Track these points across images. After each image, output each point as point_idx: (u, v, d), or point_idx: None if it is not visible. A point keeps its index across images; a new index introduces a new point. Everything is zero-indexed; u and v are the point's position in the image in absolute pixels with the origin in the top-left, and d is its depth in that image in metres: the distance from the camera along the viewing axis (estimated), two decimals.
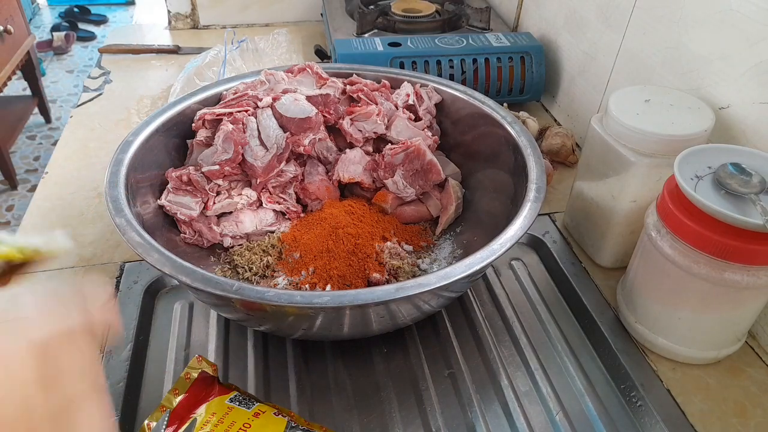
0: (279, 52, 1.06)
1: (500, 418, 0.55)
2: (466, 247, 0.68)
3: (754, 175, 0.49)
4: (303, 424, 0.45)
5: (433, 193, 0.72)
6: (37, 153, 2.49)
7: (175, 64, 1.13)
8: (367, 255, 0.62)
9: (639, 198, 0.60)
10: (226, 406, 0.45)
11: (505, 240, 0.51)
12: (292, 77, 0.74)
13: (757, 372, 0.57)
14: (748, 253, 0.47)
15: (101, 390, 0.30)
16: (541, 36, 0.99)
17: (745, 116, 0.59)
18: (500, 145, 0.67)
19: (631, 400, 0.56)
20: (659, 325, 0.57)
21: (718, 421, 0.53)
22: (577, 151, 0.86)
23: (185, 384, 0.46)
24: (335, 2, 1.14)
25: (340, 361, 0.59)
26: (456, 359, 0.60)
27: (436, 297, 0.55)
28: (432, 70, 0.90)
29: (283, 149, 0.67)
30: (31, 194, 2.17)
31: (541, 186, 0.58)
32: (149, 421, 0.44)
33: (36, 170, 2.39)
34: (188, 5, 1.26)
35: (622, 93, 0.62)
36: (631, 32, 0.76)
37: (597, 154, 0.63)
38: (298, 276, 0.61)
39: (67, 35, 3.29)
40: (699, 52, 0.64)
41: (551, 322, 0.64)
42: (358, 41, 0.93)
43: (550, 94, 0.99)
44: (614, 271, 0.67)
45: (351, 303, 0.45)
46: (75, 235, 0.71)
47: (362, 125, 0.71)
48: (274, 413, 0.45)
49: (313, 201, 0.70)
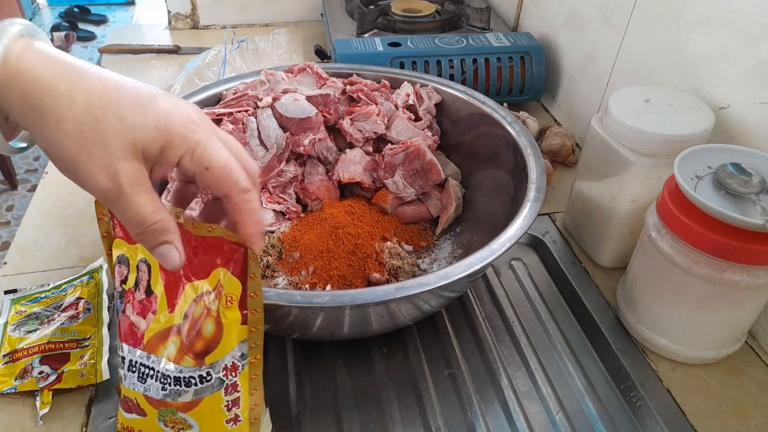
0: (279, 52, 1.06)
1: (500, 418, 0.55)
2: (466, 247, 0.68)
3: (754, 175, 0.49)
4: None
5: (433, 193, 0.72)
6: (37, 153, 2.48)
7: (175, 64, 1.13)
8: (367, 255, 0.62)
9: (639, 198, 0.60)
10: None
11: (505, 240, 0.51)
12: (292, 77, 0.74)
13: (757, 372, 0.57)
14: (748, 253, 0.47)
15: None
16: (541, 36, 0.99)
17: (745, 116, 0.59)
18: (500, 145, 0.67)
19: (631, 400, 0.56)
20: (659, 325, 0.57)
21: (718, 421, 0.53)
22: (577, 151, 0.86)
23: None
24: (335, 2, 1.14)
25: (340, 361, 0.59)
26: (456, 359, 0.60)
27: (436, 297, 0.55)
28: (432, 70, 0.90)
29: (283, 149, 0.67)
30: (31, 194, 2.17)
31: (541, 186, 0.58)
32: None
33: (36, 170, 2.39)
34: (188, 5, 1.26)
35: (622, 93, 0.62)
36: (631, 32, 0.76)
37: (597, 154, 0.63)
38: (298, 276, 0.61)
39: (67, 35, 3.28)
40: (699, 52, 0.64)
41: (551, 322, 0.64)
42: (358, 41, 0.93)
43: (550, 94, 0.99)
44: (614, 271, 0.67)
45: (351, 303, 0.45)
46: (75, 235, 0.71)
47: (362, 125, 0.71)
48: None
49: (313, 201, 0.70)
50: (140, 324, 0.42)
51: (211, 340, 0.40)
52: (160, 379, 0.41)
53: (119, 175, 0.31)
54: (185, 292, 0.40)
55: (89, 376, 0.53)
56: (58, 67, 0.31)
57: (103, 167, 0.31)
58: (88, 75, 0.31)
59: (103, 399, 0.53)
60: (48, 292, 0.61)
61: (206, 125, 0.34)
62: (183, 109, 0.33)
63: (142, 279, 0.42)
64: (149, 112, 0.32)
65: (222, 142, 0.35)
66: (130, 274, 0.42)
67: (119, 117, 0.31)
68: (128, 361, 0.43)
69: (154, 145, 0.32)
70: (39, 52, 0.31)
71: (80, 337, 0.56)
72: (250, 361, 0.41)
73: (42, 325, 0.57)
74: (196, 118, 0.34)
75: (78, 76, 0.31)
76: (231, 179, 0.34)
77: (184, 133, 0.33)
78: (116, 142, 0.31)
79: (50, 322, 0.57)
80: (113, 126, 0.31)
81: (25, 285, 0.63)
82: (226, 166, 0.34)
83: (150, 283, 0.41)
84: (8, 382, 0.52)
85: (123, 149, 0.31)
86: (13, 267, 0.67)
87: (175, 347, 0.40)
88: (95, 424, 0.51)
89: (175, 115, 0.32)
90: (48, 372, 0.52)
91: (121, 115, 0.31)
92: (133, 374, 0.43)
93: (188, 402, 0.41)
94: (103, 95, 0.31)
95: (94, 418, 0.51)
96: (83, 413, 0.52)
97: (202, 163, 0.33)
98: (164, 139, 0.32)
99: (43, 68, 0.31)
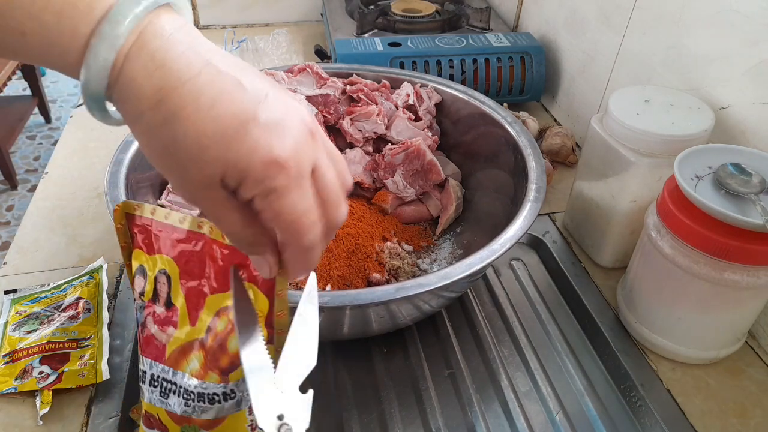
0: (279, 52, 1.06)
1: (500, 418, 0.55)
2: (466, 247, 0.68)
3: (754, 175, 0.49)
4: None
5: (433, 193, 0.72)
6: (37, 153, 2.49)
7: None
8: (367, 255, 0.62)
9: (639, 198, 0.60)
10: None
11: (505, 240, 0.51)
12: (292, 77, 0.74)
13: (757, 372, 0.57)
14: (748, 253, 0.47)
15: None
16: (541, 36, 0.99)
17: (745, 116, 0.59)
18: (500, 145, 0.67)
19: (631, 400, 0.56)
20: (659, 325, 0.57)
21: (718, 421, 0.53)
22: (577, 151, 0.86)
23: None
24: (335, 2, 1.14)
25: (340, 361, 0.59)
26: (456, 359, 0.60)
27: (436, 297, 0.55)
28: (432, 70, 0.90)
29: None
30: (31, 194, 2.17)
31: (541, 186, 0.58)
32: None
33: (36, 170, 2.39)
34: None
35: (622, 93, 0.62)
36: (631, 32, 0.76)
37: (597, 154, 0.63)
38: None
39: None
40: (699, 52, 0.64)
41: (551, 322, 0.64)
42: (358, 41, 0.93)
43: (550, 94, 0.99)
44: (614, 271, 0.67)
45: (351, 303, 0.45)
46: (75, 235, 0.71)
47: (362, 125, 0.71)
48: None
49: None
50: (161, 337, 0.40)
51: (236, 356, 0.38)
52: (182, 395, 0.40)
53: (200, 202, 0.30)
54: (206, 305, 0.39)
55: (89, 376, 0.53)
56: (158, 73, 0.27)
57: (186, 190, 0.30)
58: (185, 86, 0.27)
59: (103, 399, 0.53)
60: (48, 292, 0.61)
61: (298, 168, 0.29)
62: (276, 142, 0.28)
63: (161, 291, 0.41)
64: (231, 146, 0.28)
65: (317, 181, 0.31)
66: (147, 286, 0.41)
67: (199, 147, 0.28)
68: (149, 376, 0.41)
69: (232, 180, 0.29)
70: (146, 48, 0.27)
71: (80, 337, 0.56)
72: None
73: (42, 325, 0.57)
74: (287, 159, 0.29)
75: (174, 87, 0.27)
76: (294, 237, 0.31)
77: (262, 176, 0.29)
78: (195, 172, 0.28)
79: (50, 322, 0.57)
80: (192, 154, 0.28)
81: (25, 285, 0.63)
82: (295, 222, 0.30)
83: (170, 295, 0.40)
84: (8, 382, 0.52)
85: (201, 180, 0.29)
86: (13, 267, 0.67)
87: (199, 362, 0.39)
88: (95, 424, 0.51)
89: (260, 152, 0.28)
90: (48, 372, 0.52)
91: (201, 145, 0.28)
92: (155, 389, 0.41)
93: (211, 420, 0.40)
94: (189, 116, 0.27)
95: (94, 418, 0.51)
96: (83, 413, 0.52)
97: (273, 208, 0.30)
98: (241, 176, 0.29)
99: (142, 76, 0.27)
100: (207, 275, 0.39)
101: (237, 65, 0.29)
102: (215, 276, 0.38)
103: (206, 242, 0.37)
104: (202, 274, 0.39)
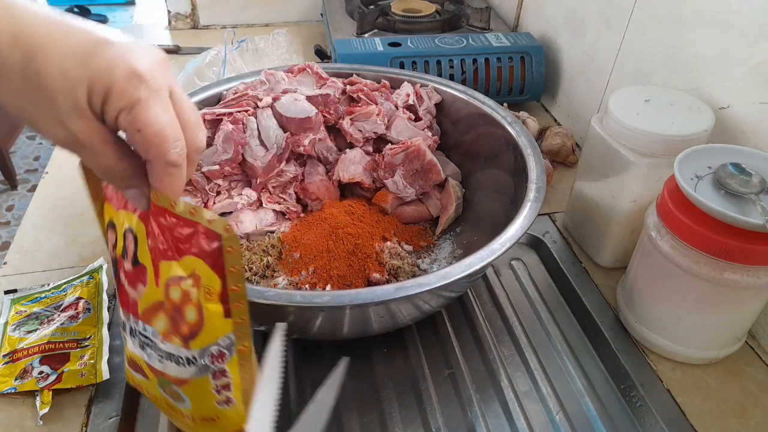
0: (279, 52, 1.06)
1: (500, 418, 0.55)
2: (466, 247, 0.68)
3: (754, 175, 0.49)
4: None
5: (433, 193, 0.72)
6: (37, 153, 2.48)
7: (175, 64, 1.13)
8: (367, 255, 0.62)
9: (639, 198, 0.60)
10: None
11: (505, 240, 0.51)
12: (292, 77, 0.74)
13: (757, 372, 0.57)
14: (748, 253, 0.47)
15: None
16: (541, 36, 0.99)
17: (745, 116, 0.59)
18: (500, 145, 0.67)
19: (631, 400, 0.56)
20: (659, 325, 0.57)
21: (718, 421, 0.53)
22: (577, 151, 0.86)
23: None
24: (335, 2, 1.14)
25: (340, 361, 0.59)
26: (456, 359, 0.60)
27: (436, 297, 0.55)
28: (432, 70, 0.90)
29: (283, 149, 0.67)
30: (31, 194, 2.17)
31: (541, 186, 0.58)
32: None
33: (36, 170, 2.39)
34: (188, 5, 1.26)
35: (622, 93, 0.62)
36: (631, 32, 0.76)
37: (597, 154, 0.63)
38: (298, 276, 0.61)
39: None
40: (699, 52, 0.64)
41: (551, 322, 0.64)
42: (358, 41, 0.93)
43: (550, 94, 0.99)
44: (614, 271, 0.67)
45: (351, 303, 0.45)
46: (75, 235, 0.71)
47: (362, 125, 0.71)
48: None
49: (313, 201, 0.70)
50: (132, 294, 0.41)
51: (194, 326, 0.38)
52: (156, 351, 0.41)
53: (75, 133, 0.31)
54: (161, 270, 0.39)
55: (89, 376, 0.53)
56: (7, 19, 0.29)
57: (59, 123, 0.30)
58: (35, 24, 0.29)
59: (103, 399, 0.53)
60: (48, 292, 0.61)
61: (156, 81, 0.31)
62: (133, 58, 0.30)
63: (129, 249, 0.40)
64: (92, 63, 0.30)
65: (175, 104, 0.33)
66: (118, 241, 0.41)
67: (62, 72, 0.29)
68: (129, 328, 0.42)
69: (97, 99, 0.30)
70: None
71: (80, 337, 0.56)
72: (239, 349, 0.40)
73: (42, 325, 0.57)
74: (146, 72, 0.31)
75: (29, 25, 0.29)
76: (159, 149, 0.32)
77: (125, 87, 0.30)
78: (63, 99, 0.30)
79: (50, 322, 0.57)
80: (57, 81, 0.29)
81: (25, 285, 0.63)
82: (159, 133, 0.31)
83: (137, 254, 0.40)
84: (8, 382, 0.52)
85: (72, 107, 0.30)
86: (13, 267, 0.67)
87: (164, 324, 0.40)
88: (95, 424, 0.51)
89: (119, 65, 0.30)
90: (48, 372, 0.52)
91: (64, 69, 0.29)
92: (135, 339, 0.42)
93: (179, 378, 0.41)
94: (47, 44, 0.29)
95: (94, 418, 0.51)
96: (83, 413, 0.52)
97: (136, 123, 0.31)
98: (105, 91, 0.30)
99: None
100: (161, 239, 0.38)
101: (73, 15, 0.32)
102: (164, 241, 0.38)
103: (157, 208, 0.37)
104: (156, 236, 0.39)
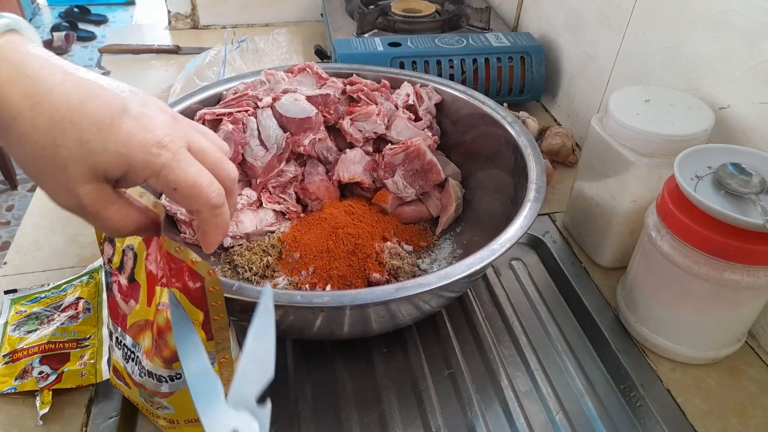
0: (279, 52, 1.06)
1: (500, 418, 0.55)
2: (466, 247, 0.68)
3: (754, 175, 0.49)
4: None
5: (433, 193, 0.72)
6: None
7: (175, 64, 1.13)
8: (367, 255, 0.62)
9: (639, 198, 0.60)
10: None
11: (505, 240, 0.51)
12: (292, 77, 0.74)
13: (757, 372, 0.57)
14: (748, 253, 0.47)
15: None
16: (541, 36, 0.99)
17: (745, 116, 0.59)
18: (500, 145, 0.67)
19: (631, 400, 0.56)
20: (659, 325, 0.57)
21: (718, 421, 0.53)
22: (577, 151, 0.86)
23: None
24: (335, 2, 1.14)
25: (340, 361, 0.59)
26: (456, 359, 0.60)
27: (436, 297, 0.55)
28: (432, 70, 0.90)
29: (283, 149, 0.67)
30: (31, 194, 2.17)
31: (541, 186, 0.58)
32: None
33: None
34: (188, 5, 1.26)
35: (622, 93, 0.62)
36: (631, 32, 0.76)
37: (597, 154, 0.63)
38: (298, 276, 0.61)
39: (67, 35, 3.28)
40: (699, 52, 0.64)
41: (551, 322, 0.64)
42: (358, 41, 0.93)
43: (550, 94, 0.99)
44: (614, 271, 0.67)
45: (351, 303, 0.45)
46: (75, 235, 0.71)
47: (362, 125, 0.71)
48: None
49: (313, 201, 0.70)
50: (123, 307, 0.42)
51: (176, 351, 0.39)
52: (138, 365, 0.42)
53: (81, 198, 0.32)
54: (156, 294, 0.40)
55: (89, 376, 0.53)
56: (25, 82, 0.30)
57: (66, 190, 0.32)
58: (53, 92, 0.30)
59: (103, 399, 0.53)
60: (48, 292, 0.61)
61: (175, 143, 0.33)
62: (149, 128, 0.32)
63: (127, 265, 0.42)
64: (110, 136, 0.31)
65: (195, 152, 0.34)
66: (116, 256, 0.42)
67: (79, 142, 0.31)
68: (115, 337, 0.43)
69: (116, 170, 0.32)
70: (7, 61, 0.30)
71: (80, 337, 0.56)
72: (220, 361, 0.42)
73: (42, 325, 0.57)
74: (163, 138, 0.32)
75: (44, 93, 0.30)
76: (200, 199, 0.34)
77: (147, 158, 0.32)
78: (76, 167, 0.31)
79: (50, 322, 0.57)
80: (73, 152, 0.31)
81: (25, 285, 0.63)
82: (194, 185, 0.33)
83: (134, 271, 0.41)
84: (8, 382, 0.52)
85: (83, 174, 0.31)
86: (13, 267, 0.67)
87: (149, 342, 0.41)
88: (95, 424, 0.51)
89: (137, 138, 0.32)
90: (48, 372, 0.52)
91: (82, 140, 0.31)
92: (119, 350, 0.43)
93: (162, 392, 0.42)
94: (65, 117, 0.30)
95: (94, 418, 0.51)
96: (83, 413, 0.52)
97: (169, 185, 0.33)
98: (126, 164, 0.32)
99: (8, 84, 0.30)
100: (160, 265, 0.39)
101: (91, 73, 0.33)
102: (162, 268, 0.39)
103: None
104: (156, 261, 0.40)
